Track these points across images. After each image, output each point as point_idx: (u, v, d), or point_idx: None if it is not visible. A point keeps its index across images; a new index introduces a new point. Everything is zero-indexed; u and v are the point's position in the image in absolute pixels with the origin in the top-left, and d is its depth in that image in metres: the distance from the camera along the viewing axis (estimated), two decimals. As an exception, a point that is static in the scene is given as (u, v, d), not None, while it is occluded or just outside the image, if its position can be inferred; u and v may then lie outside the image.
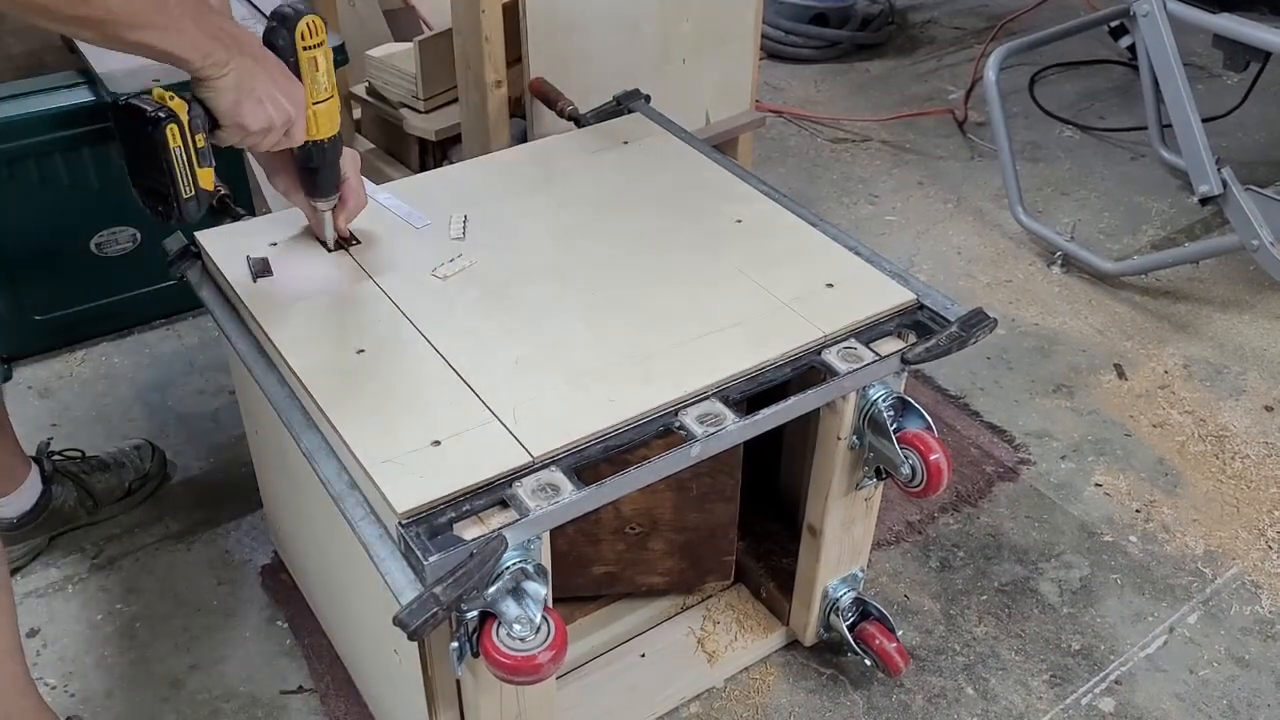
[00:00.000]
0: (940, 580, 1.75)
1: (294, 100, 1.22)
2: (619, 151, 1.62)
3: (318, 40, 1.25)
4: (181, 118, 1.16)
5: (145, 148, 1.16)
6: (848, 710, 1.55)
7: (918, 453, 1.31)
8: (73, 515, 1.77)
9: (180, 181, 1.19)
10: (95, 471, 1.79)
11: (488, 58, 1.81)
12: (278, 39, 1.23)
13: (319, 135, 1.29)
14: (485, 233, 1.45)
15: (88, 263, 2.09)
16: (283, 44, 1.23)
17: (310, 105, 1.26)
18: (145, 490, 1.84)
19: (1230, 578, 1.77)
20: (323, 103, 1.28)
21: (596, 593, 1.57)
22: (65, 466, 1.77)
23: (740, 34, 2.11)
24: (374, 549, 1.05)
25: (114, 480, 1.80)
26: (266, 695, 1.56)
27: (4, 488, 1.68)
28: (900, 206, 2.70)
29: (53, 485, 1.73)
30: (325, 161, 1.33)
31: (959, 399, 2.11)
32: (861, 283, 1.38)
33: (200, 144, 1.19)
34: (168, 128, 1.15)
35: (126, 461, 1.83)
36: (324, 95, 1.28)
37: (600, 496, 1.11)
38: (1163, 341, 2.26)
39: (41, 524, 1.73)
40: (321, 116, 1.28)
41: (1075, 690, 1.59)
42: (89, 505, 1.77)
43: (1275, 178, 2.65)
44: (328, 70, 1.27)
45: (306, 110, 1.26)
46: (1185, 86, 2.16)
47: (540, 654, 1.05)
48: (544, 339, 1.27)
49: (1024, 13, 3.55)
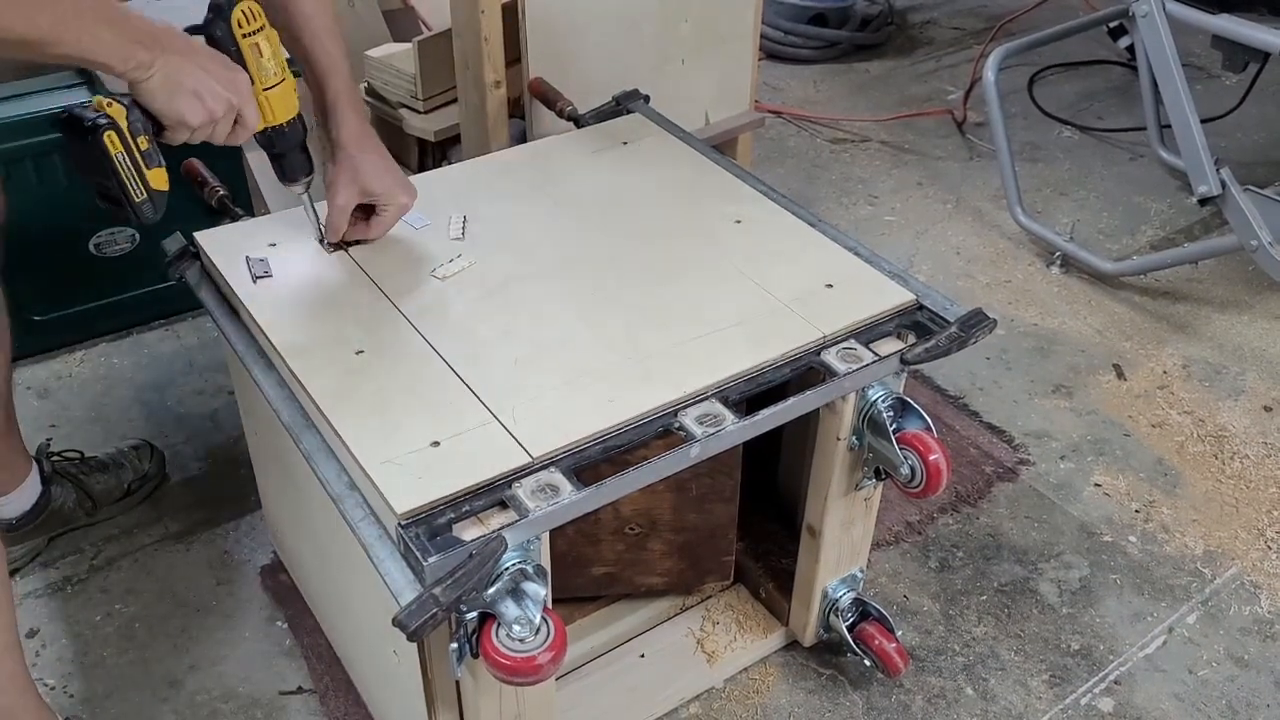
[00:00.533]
0: (939, 580, 1.75)
1: (234, 88, 1.21)
2: (618, 152, 1.62)
3: (257, 26, 1.24)
4: (120, 123, 1.15)
5: (89, 156, 1.16)
6: (847, 711, 1.55)
7: (917, 453, 1.31)
8: (72, 516, 1.76)
9: (129, 186, 1.18)
10: (94, 472, 1.79)
11: (487, 58, 1.81)
12: (216, 30, 1.23)
13: (275, 120, 1.29)
14: (485, 233, 1.45)
15: (87, 263, 2.09)
16: (221, 35, 1.23)
17: (261, 92, 1.25)
18: (144, 491, 1.84)
19: (1229, 578, 1.77)
20: (274, 88, 1.27)
21: (596, 593, 1.57)
22: (64, 467, 1.77)
23: (739, 34, 2.11)
24: (373, 550, 1.05)
25: (113, 481, 1.80)
26: (265, 696, 1.56)
27: (5, 486, 1.68)
28: (899, 207, 2.70)
29: (52, 486, 1.73)
30: (288, 145, 1.32)
31: (958, 399, 2.11)
32: (861, 283, 1.38)
33: (144, 146, 1.18)
34: (105, 135, 1.15)
35: (125, 462, 1.83)
36: (274, 80, 1.27)
37: (600, 497, 1.11)
38: (1162, 342, 2.26)
39: (40, 525, 1.73)
40: (275, 101, 1.27)
41: (1074, 690, 1.59)
42: (88, 506, 1.77)
43: (1274, 178, 2.65)
44: (274, 55, 1.26)
45: (257, 96, 1.25)
46: (1184, 87, 2.16)
47: (540, 655, 1.05)
48: (543, 339, 1.27)
49: (1023, 13, 3.55)
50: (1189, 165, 2.18)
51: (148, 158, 1.19)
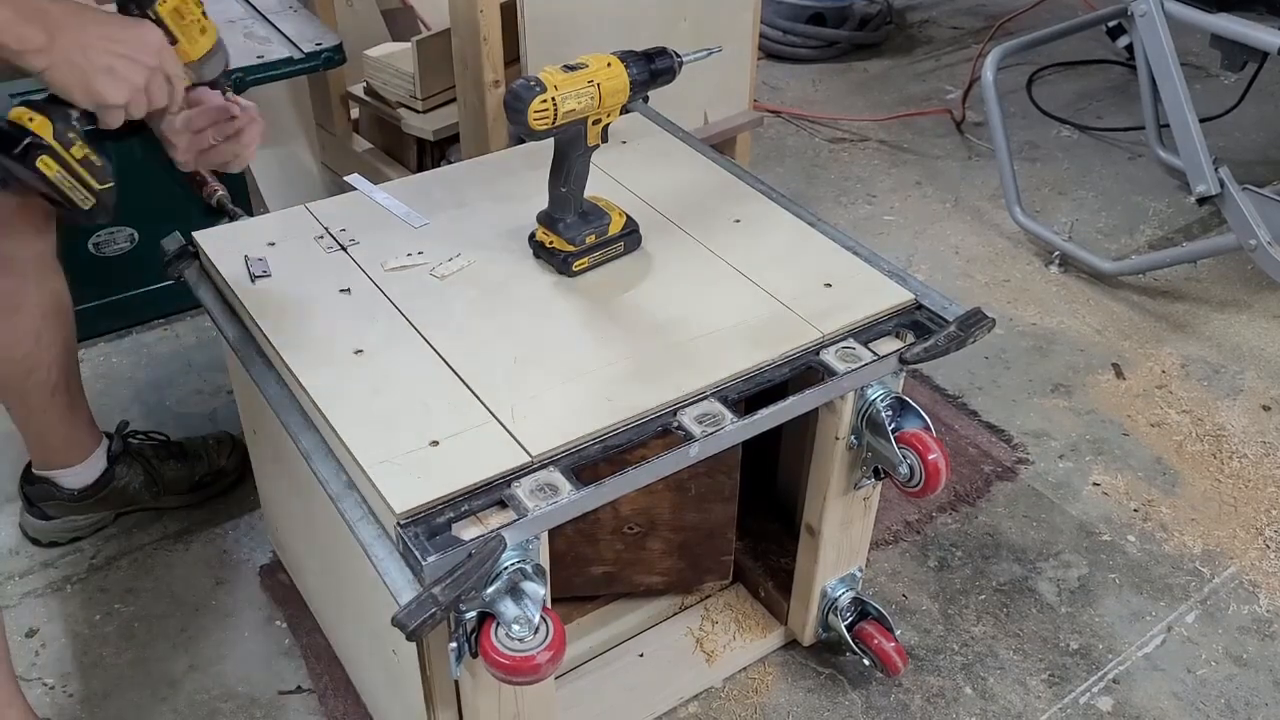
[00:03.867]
0: (938, 580, 1.75)
1: (145, 48, 1.12)
2: (617, 151, 1.62)
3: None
4: (48, 140, 1.08)
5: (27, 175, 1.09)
6: (846, 710, 1.55)
7: (916, 452, 1.31)
8: (137, 497, 1.76)
9: (75, 198, 1.12)
10: (169, 459, 1.78)
11: (486, 57, 1.81)
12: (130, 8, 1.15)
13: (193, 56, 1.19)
14: (484, 232, 1.45)
15: (85, 262, 2.09)
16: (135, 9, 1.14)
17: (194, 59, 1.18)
18: (216, 487, 1.83)
19: (1228, 577, 1.77)
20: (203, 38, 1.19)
21: (595, 593, 1.57)
22: (139, 449, 1.77)
23: (738, 34, 2.11)
24: (372, 549, 1.05)
25: (184, 471, 1.79)
26: (265, 695, 1.56)
27: (70, 458, 1.69)
28: (898, 206, 2.70)
29: (117, 465, 1.73)
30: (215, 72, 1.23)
31: (957, 398, 2.11)
32: (859, 283, 1.38)
33: (79, 155, 1.10)
34: (38, 160, 1.08)
35: (204, 453, 1.82)
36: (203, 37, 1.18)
37: (599, 497, 1.11)
38: (1160, 341, 2.27)
39: (103, 499, 1.73)
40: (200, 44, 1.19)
41: (1073, 689, 1.60)
42: (154, 490, 1.77)
43: (1273, 177, 2.66)
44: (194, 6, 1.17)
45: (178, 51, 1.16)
46: (1183, 86, 2.16)
47: (539, 654, 1.05)
48: (543, 339, 1.27)
49: (1022, 12, 3.55)
50: (1188, 164, 2.19)
51: (87, 165, 1.12)
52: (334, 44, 2.00)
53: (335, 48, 2.00)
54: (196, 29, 1.18)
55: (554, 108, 1.25)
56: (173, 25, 1.16)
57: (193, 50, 1.19)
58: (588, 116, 1.29)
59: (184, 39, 1.17)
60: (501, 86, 1.85)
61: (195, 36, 1.18)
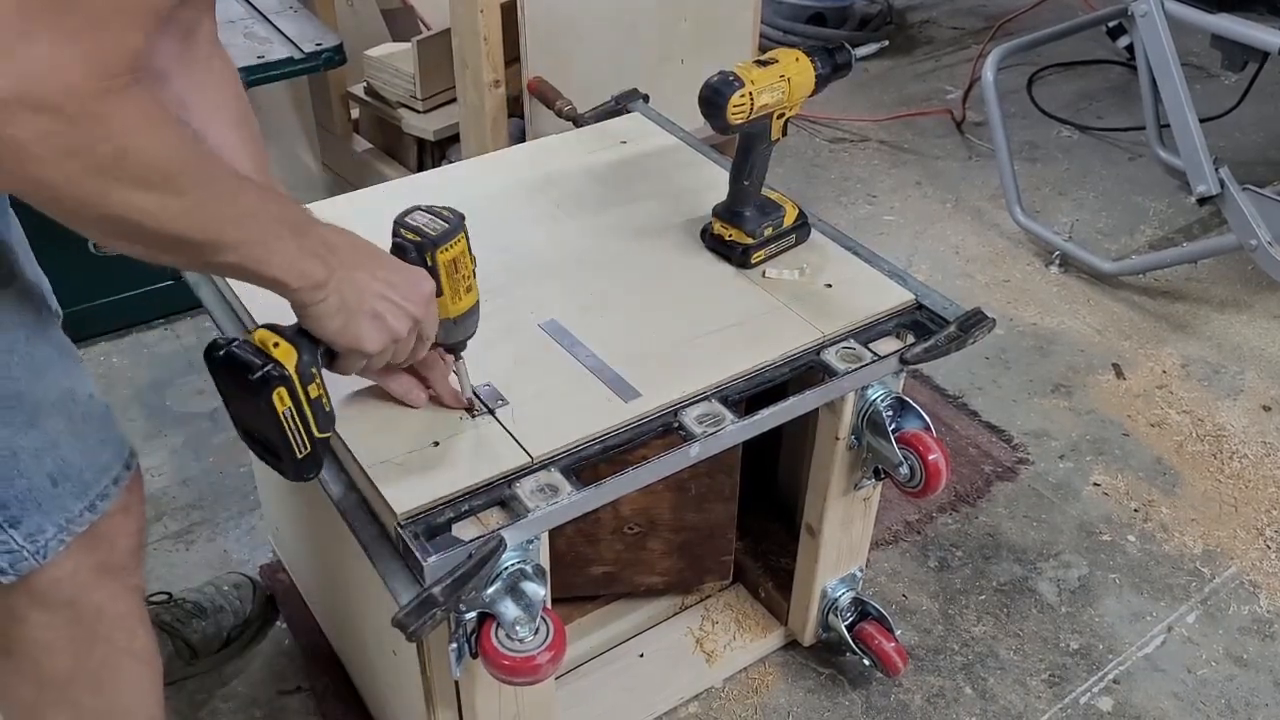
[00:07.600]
0: (939, 580, 1.75)
1: (418, 296, 1.01)
2: (617, 151, 1.62)
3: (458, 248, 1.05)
4: (289, 371, 0.95)
5: (250, 404, 0.97)
6: (846, 710, 1.55)
7: (916, 453, 1.31)
8: (169, 667, 1.48)
9: (293, 441, 0.98)
10: (191, 619, 1.59)
11: (486, 57, 1.81)
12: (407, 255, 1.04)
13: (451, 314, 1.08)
14: (484, 233, 1.45)
15: (85, 262, 2.07)
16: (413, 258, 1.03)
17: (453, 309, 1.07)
18: (246, 637, 1.63)
19: (1228, 577, 1.77)
20: None
21: (595, 593, 1.57)
22: (158, 615, 1.55)
23: (738, 33, 2.11)
24: (372, 549, 1.05)
25: (211, 628, 1.59)
26: (264, 695, 1.56)
27: None
28: (898, 206, 2.70)
29: None
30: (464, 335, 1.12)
31: (957, 399, 2.11)
32: (860, 283, 1.38)
33: (314, 394, 0.97)
34: (275, 392, 0.95)
35: (225, 604, 1.62)
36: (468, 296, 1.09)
37: (599, 497, 1.11)
38: (1161, 341, 2.27)
39: None
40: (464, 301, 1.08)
41: (1073, 690, 1.60)
42: (187, 655, 1.58)
43: (1273, 177, 2.65)
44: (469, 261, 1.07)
45: None
46: (1183, 86, 2.16)
47: (539, 655, 1.05)
48: (543, 339, 1.27)
49: (1022, 13, 3.55)
50: (1188, 164, 2.19)
51: (316, 409, 0.98)
52: (334, 44, 2.00)
53: (335, 48, 2.00)
54: (464, 286, 1.08)
55: (750, 102, 1.27)
56: (445, 276, 1.05)
57: (454, 308, 1.07)
58: (775, 111, 1.32)
59: (449, 294, 1.06)
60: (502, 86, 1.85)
61: (461, 294, 1.07)
